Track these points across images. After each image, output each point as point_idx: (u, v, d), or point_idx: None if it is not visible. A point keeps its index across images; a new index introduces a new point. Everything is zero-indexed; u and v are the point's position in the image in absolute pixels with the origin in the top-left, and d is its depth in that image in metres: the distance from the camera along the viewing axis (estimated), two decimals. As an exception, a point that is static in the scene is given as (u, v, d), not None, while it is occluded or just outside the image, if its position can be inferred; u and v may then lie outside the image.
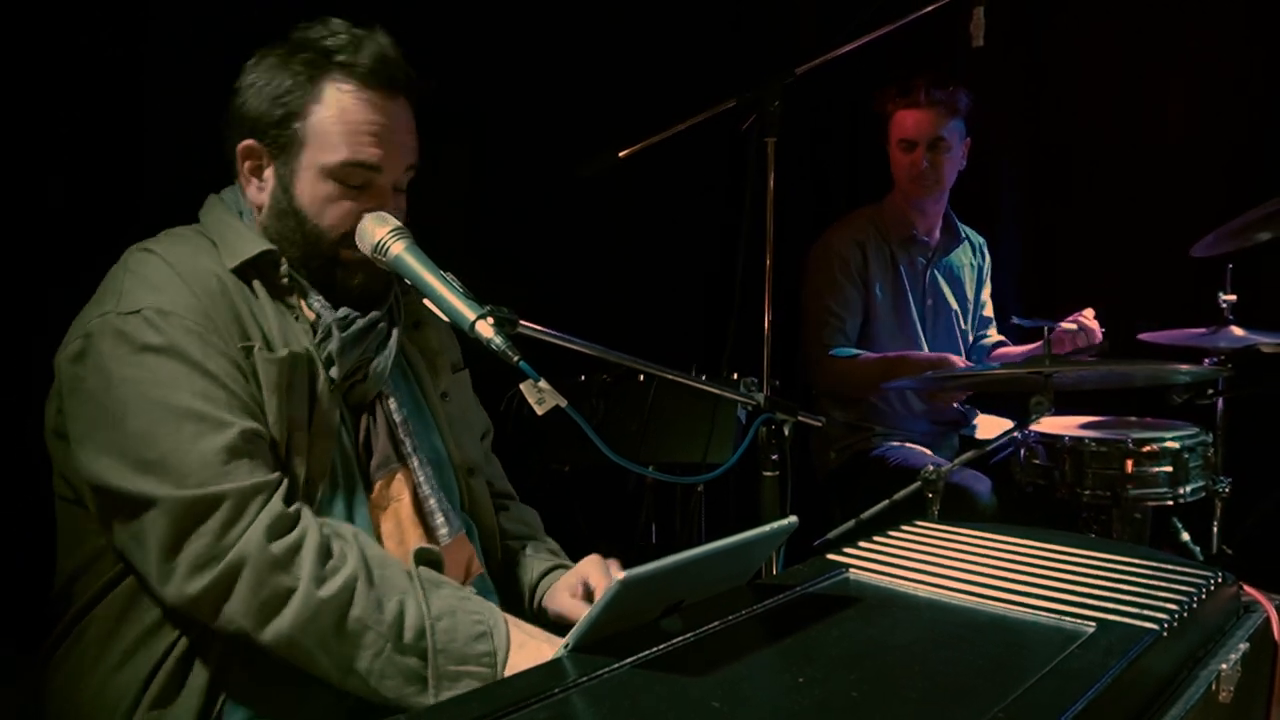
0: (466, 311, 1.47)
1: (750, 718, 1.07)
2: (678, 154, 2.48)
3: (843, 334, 3.28)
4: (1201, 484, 2.84)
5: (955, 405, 3.26)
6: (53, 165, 2.22)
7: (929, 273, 3.39)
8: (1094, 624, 1.27)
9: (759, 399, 2.02)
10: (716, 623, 1.27)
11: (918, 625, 1.31)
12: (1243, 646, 1.36)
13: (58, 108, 2.21)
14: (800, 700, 1.09)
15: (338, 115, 1.58)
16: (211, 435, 1.44)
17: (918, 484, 2.45)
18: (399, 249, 1.54)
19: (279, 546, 1.41)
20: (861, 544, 1.59)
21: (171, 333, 1.46)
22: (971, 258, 3.51)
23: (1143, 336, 2.99)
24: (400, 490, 1.66)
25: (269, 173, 1.63)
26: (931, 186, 3.29)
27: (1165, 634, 1.25)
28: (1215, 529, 2.91)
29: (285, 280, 1.61)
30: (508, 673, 1.42)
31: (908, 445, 3.29)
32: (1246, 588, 1.52)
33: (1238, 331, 2.91)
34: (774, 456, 2.05)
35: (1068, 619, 1.29)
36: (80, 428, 1.48)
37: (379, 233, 1.56)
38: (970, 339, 3.53)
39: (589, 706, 1.07)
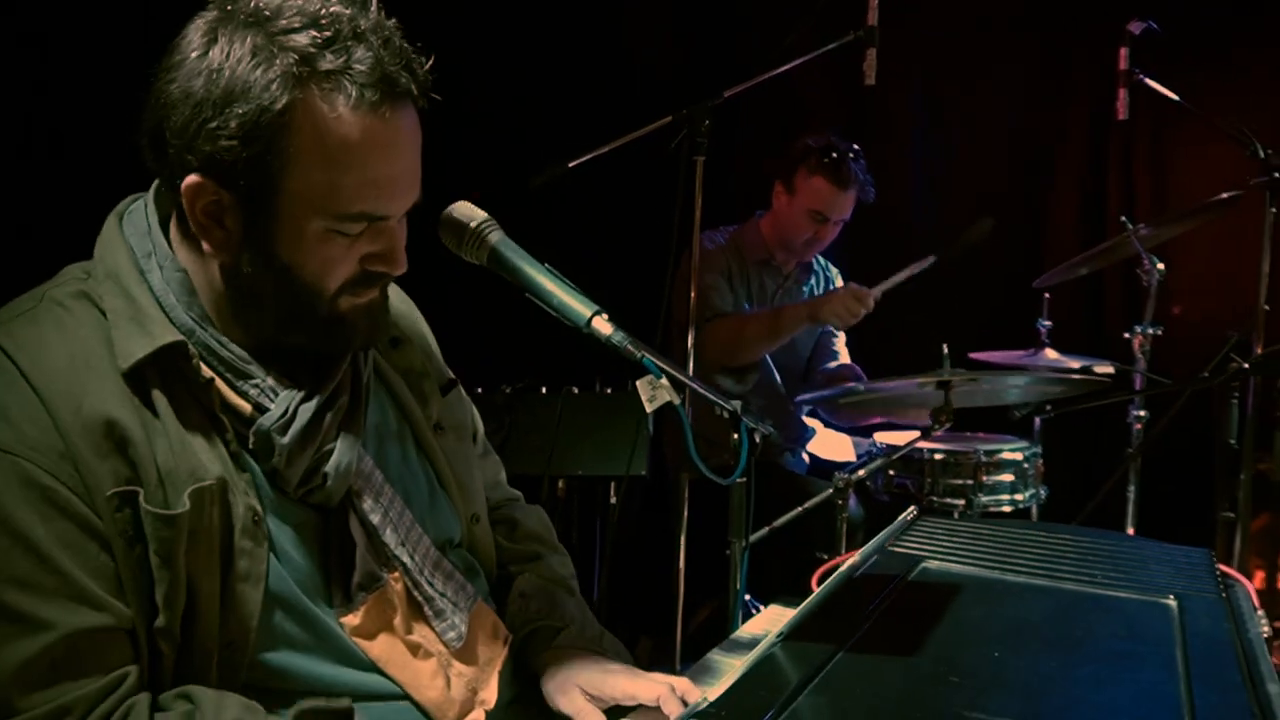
0: (581, 308, 1.35)
1: (1004, 688, 1.13)
2: (611, 170, 2.49)
3: (723, 300, 3.28)
4: (1033, 491, 3.19)
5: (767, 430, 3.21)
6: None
7: (776, 298, 3.50)
8: (1171, 596, 1.43)
9: (736, 406, 2.08)
10: (870, 608, 1.32)
11: (1033, 605, 1.42)
12: (1260, 612, 1.57)
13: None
14: (1021, 671, 1.17)
15: (337, 151, 1.15)
16: (22, 641, 1.08)
17: (830, 490, 2.58)
18: (496, 239, 1.36)
19: None
20: (904, 537, 1.68)
21: (2, 486, 1.10)
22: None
23: (974, 355, 3.31)
24: (392, 607, 1.31)
25: (232, 223, 1.19)
26: (816, 252, 3.42)
27: (1225, 600, 1.44)
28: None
29: (202, 379, 1.20)
30: None
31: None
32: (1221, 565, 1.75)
33: (1051, 354, 3.29)
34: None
35: (1146, 593, 1.44)
36: None
37: (476, 217, 1.35)
38: (818, 364, 3.61)
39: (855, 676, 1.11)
